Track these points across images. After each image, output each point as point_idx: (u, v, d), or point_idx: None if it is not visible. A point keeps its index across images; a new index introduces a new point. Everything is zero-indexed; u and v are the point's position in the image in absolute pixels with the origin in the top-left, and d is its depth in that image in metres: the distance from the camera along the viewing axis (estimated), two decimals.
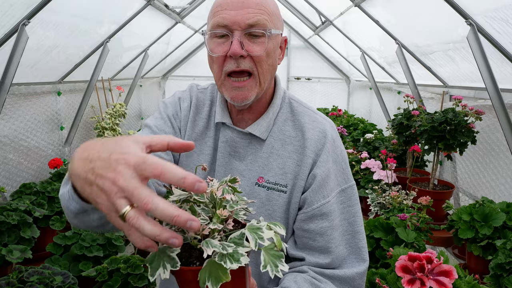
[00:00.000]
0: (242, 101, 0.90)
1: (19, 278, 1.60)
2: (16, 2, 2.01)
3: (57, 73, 3.13)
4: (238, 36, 0.86)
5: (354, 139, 4.27)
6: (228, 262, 0.55)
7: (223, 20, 0.87)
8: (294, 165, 0.95)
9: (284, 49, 1.00)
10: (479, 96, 2.56)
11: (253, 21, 0.86)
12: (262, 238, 0.59)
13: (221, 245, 0.56)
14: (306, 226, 0.93)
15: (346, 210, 0.96)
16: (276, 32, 0.91)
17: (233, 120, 1.00)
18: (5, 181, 2.54)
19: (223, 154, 0.98)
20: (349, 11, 3.57)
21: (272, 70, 0.94)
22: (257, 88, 0.91)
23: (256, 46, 0.88)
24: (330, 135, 0.97)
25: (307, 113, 1.01)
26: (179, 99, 1.06)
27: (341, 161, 0.98)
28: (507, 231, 1.79)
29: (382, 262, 1.66)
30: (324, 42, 5.47)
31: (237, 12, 0.86)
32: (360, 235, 0.96)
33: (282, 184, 0.94)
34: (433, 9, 2.49)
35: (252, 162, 0.97)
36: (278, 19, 0.95)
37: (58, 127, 3.21)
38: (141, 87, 5.43)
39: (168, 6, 3.79)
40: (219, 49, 0.89)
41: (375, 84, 4.23)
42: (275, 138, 0.98)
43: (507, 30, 1.97)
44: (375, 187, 2.55)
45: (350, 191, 0.98)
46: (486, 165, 2.53)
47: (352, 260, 0.94)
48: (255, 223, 0.62)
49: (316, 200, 0.92)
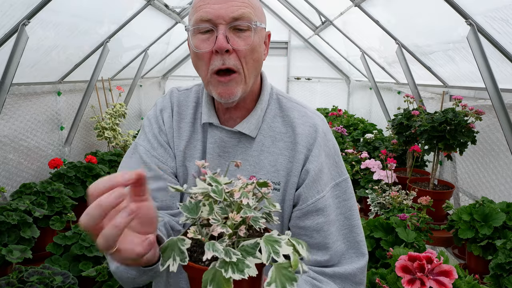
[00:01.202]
0: (229, 97, 0.87)
1: (19, 278, 1.60)
2: (16, 2, 2.01)
3: (57, 73, 3.13)
4: (223, 30, 0.84)
5: (354, 139, 4.27)
6: (230, 271, 0.51)
7: (206, 14, 0.84)
8: (286, 161, 0.93)
9: (268, 44, 0.97)
10: (479, 96, 2.56)
11: (237, 14, 0.84)
12: (277, 252, 0.53)
13: (224, 250, 0.52)
14: (302, 223, 0.92)
15: (341, 204, 0.95)
16: (261, 26, 0.89)
17: (220, 120, 0.97)
18: (5, 181, 2.54)
19: (212, 156, 0.96)
20: (349, 11, 3.57)
21: (258, 65, 0.92)
22: (243, 85, 0.89)
23: (241, 41, 0.86)
24: (321, 129, 0.95)
25: (296, 108, 0.99)
26: (161, 111, 1.02)
27: (333, 154, 0.97)
28: (507, 231, 1.79)
29: (382, 262, 1.66)
30: (324, 42, 5.47)
31: (220, 5, 0.83)
32: (358, 229, 0.95)
33: (274, 182, 0.93)
34: (433, 9, 2.49)
35: (243, 161, 0.95)
36: (261, 13, 0.92)
37: (58, 127, 3.21)
38: (141, 87, 5.43)
39: (168, 6, 3.79)
40: (204, 45, 0.86)
41: (375, 84, 4.23)
42: (265, 135, 0.96)
43: (507, 30, 1.97)
44: (375, 187, 2.55)
45: (344, 184, 0.96)
46: (486, 165, 2.53)
47: (351, 255, 0.93)
48: (275, 235, 0.57)
49: (311, 196, 0.91)
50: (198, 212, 0.60)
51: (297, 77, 6.55)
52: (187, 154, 0.98)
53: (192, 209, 0.61)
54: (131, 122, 5.03)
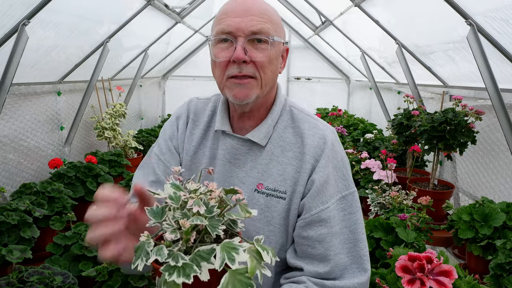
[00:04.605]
0: (243, 99, 0.91)
1: (19, 278, 1.60)
2: (16, 2, 2.01)
3: (57, 73, 3.13)
4: (242, 42, 0.89)
5: (354, 139, 4.28)
6: (175, 274, 0.52)
7: (227, 27, 0.89)
8: (293, 171, 0.94)
9: (285, 58, 1.02)
10: (479, 96, 2.56)
11: (257, 28, 0.89)
12: (233, 259, 0.54)
13: (172, 255, 0.54)
14: (305, 233, 0.92)
15: (347, 218, 0.94)
16: (279, 40, 0.93)
17: (233, 129, 1.01)
18: (5, 181, 2.54)
19: (223, 162, 0.99)
20: (349, 11, 3.57)
21: (274, 77, 0.96)
22: (258, 89, 0.92)
23: (258, 53, 0.90)
24: (330, 140, 0.96)
25: (308, 120, 1.01)
26: (177, 118, 1.08)
27: (341, 167, 0.97)
28: (507, 231, 1.79)
29: (382, 262, 1.66)
30: (324, 42, 5.47)
31: (241, 19, 0.89)
32: (362, 243, 0.94)
33: (281, 191, 0.94)
34: (433, 9, 2.49)
35: (252, 169, 0.97)
36: (280, 28, 0.97)
37: (58, 127, 3.21)
38: (141, 87, 5.43)
39: (168, 6, 3.79)
40: (222, 55, 0.91)
41: (375, 84, 4.23)
42: (275, 145, 0.98)
43: (507, 30, 1.97)
44: (375, 187, 2.55)
45: (351, 197, 0.96)
46: (486, 165, 2.53)
47: (353, 270, 0.92)
48: (235, 242, 0.57)
49: (315, 206, 0.91)
50: (163, 216, 0.63)
51: (297, 77, 6.55)
52: (195, 160, 1.03)
53: (158, 213, 0.63)
54: (131, 122, 5.03)
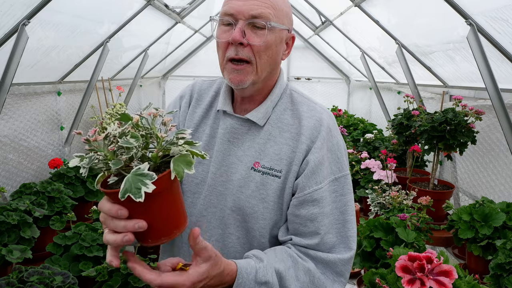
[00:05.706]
0: (238, 84, 0.95)
1: (19, 278, 1.60)
2: (16, 2, 2.01)
3: (57, 73, 3.13)
4: (241, 25, 0.92)
5: (354, 139, 4.28)
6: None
7: (230, 9, 0.93)
8: (289, 151, 0.98)
9: (290, 46, 1.04)
10: (479, 96, 2.56)
11: (256, 12, 0.92)
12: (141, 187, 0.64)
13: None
14: (298, 211, 0.96)
15: (338, 199, 0.98)
16: (279, 27, 0.95)
17: (235, 110, 1.05)
18: (5, 181, 2.54)
19: (222, 140, 1.02)
20: (349, 11, 3.57)
21: (272, 62, 0.98)
22: (253, 75, 0.95)
23: (256, 37, 0.93)
24: (327, 123, 1.00)
25: (306, 102, 1.05)
26: (180, 98, 1.13)
27: (336, 150, 1.00)
28: (507, 231, 1.79)
29: (382, 262, 1.66)
30: (324, 42, 5.47)
31: (244, 3, 0.92)
32: (350, 224, 0.99)
33: (276, 169, 0.98)
34: (433, 9, 2.49)
35: (249, 148, 1.01)
36: (284, 15, 0.98)
37: (58, 127, 3.21)
38: (141, 87, 5.43)
39: (168, 6, 3.79)
40: (223, 36, 0.95)
41: (375, 84, 4.23)
42: (273, 126, 1.02)
43: (507, 30, 1.97)
44: (375, 187, 2.55)
45: (343, 180, 1.00)
46: (486, 165, 2.53)
47: (340, 249, 0.97)
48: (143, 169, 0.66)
49: (308, 186, 0.95)
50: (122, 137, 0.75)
51: (297, 77, 6.55)
52: (194, 136, 1.06)
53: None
54: None
